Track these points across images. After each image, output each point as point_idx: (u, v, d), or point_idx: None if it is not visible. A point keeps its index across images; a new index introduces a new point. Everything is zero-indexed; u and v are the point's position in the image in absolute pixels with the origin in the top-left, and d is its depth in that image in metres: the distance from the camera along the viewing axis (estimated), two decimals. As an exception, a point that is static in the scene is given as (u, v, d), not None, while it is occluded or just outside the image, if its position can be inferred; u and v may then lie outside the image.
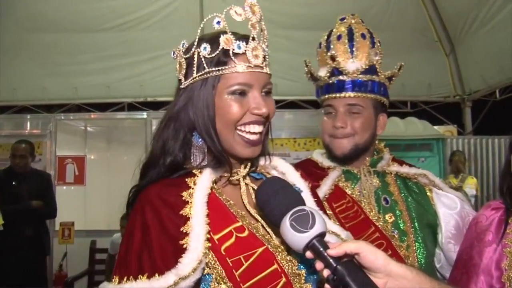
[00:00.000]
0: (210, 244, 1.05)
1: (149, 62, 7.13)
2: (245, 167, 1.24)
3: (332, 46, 1.82)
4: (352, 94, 1.75)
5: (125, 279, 1.04)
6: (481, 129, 7.63)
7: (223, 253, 1.08)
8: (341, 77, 1.77)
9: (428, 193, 1.84)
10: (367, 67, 1.77)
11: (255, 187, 1.20)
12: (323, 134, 1.84)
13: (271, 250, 1.12)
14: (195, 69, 1.17)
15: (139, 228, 1.09)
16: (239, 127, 1.16)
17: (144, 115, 7.09)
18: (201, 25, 1.17)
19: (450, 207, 1.78)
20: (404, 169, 1.86)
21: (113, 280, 1.07)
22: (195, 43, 1.17)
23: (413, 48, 7.28)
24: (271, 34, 1.83)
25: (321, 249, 0.98)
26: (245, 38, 1.15)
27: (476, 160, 6.89)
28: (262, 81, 1.16)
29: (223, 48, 1.13)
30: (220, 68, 1.14)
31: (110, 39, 7.03)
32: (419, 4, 7.07)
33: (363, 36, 1.80)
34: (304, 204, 1.07)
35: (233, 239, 1.10)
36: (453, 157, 6.59)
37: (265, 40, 1.19)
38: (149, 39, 7.05)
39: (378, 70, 1.79)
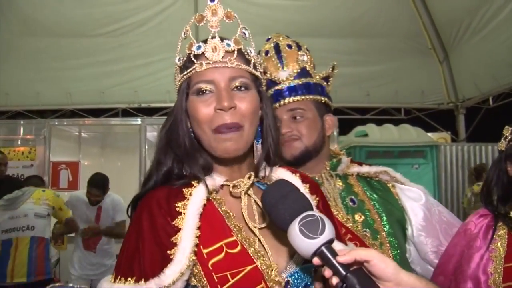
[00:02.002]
0: (195, 258, 1.05)
1: (143, 67, 7.15)
2: (248, 178, 1.21)
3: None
4: (290, 99, 1.78)
5: (118, 279, 1.08)
6: (475, 136, 7.69)
7: (210, 268, 1.07)
8: (277, 87, 1.80)
9: (391, 189, 1.84)
10: (298, 70, 1.80)
11: (258, 200, 1.18)
12: None
13: (260, 268, 1.09)
14: (176, 80, 1.20)
15: (134, 233, 1.12)
16: (215, 135, 1.13)
17: (138, 121, 7.06)
18: (181, 37, 1.20)
19: (415, 200, 1.78)
20: (365, 169, 1.86)
21: (111, 276, 1.12)
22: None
23: (407, 55, 7.33)
24: (263, 41, 1.84)
25: (330, 256, 0.95)
26: (207, 39, 1.16)
27: (469, 167, 6.90)
28: (227, 75, 1.13)
29: (188, 53, 1.16)
30: (184, 74, 1.17)
31: (104, 44, 7.04)
32: (412, 11, 7.11)
33: (289, 46, 1.84)
34: (313, 209, 1.04)
35: (222, 255, 1.09)
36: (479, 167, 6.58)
37: (243, 37, 1.18)
38: (143, 45, 7.06)
39: (310, 72, 1.82)
